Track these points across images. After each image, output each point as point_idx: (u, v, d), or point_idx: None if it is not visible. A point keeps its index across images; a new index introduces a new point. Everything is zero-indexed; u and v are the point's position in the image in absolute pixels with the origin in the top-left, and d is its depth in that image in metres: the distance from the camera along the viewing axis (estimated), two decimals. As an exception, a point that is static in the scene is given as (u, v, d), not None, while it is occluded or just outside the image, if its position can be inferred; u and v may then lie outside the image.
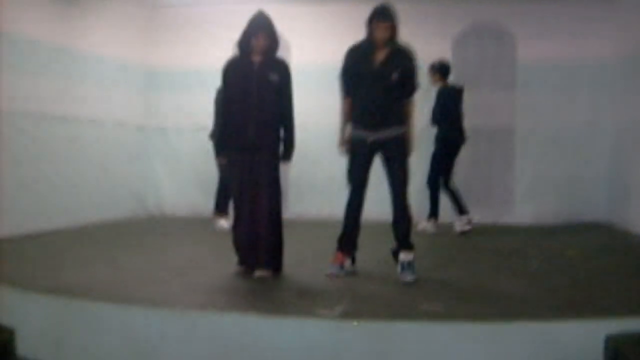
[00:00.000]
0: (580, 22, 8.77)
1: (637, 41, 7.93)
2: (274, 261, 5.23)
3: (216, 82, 8.11)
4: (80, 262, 5.80)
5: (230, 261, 5.44)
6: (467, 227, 7.88)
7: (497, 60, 9.16)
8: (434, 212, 8.08)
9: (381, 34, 5.10)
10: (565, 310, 4.21)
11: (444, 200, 8.03)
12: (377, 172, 5.35)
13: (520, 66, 9.04)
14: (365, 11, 8.72)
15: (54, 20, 7.82)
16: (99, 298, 4.38)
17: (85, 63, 8.40)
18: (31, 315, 4.40)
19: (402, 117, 5.23)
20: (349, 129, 5.33)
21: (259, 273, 5.16)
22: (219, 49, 9.18)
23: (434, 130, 7.91)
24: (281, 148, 5.27)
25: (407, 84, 5.21)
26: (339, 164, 8.84)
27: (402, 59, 5.18)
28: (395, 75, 5.10)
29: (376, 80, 5.13)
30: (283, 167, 5.35)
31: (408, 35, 5.36)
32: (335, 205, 8.96)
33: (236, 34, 8.84)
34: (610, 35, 8.67)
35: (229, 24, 9.01)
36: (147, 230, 8.33)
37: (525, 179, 9.05)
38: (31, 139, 7.40)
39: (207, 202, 8.60)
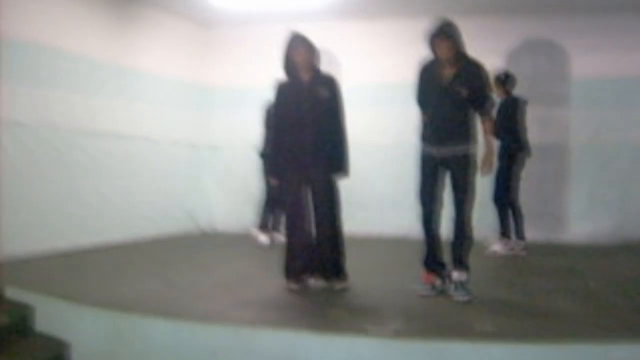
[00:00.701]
0: (633, 36, 8.63)
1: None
2: (343, 272, 5.31)
3: (267, 100, 8.30)
4: (133, 277, 5.89)
5: (280, 276, 5.45)
6: (510, 252, 7.65)
7: (551, 76, 9.03)
8: (504, 232, 7.74)
9: (442, 51, 5.06)
10: (622, 332, 4.09)
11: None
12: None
13: (574, 81, 8.90)
14: (415, 27, 8.79)
15: (112, 39, 8.04)
16: (151, 313, 4.43)
17: (140, 81, 8.59)
18: (85, 329, 4.48)
19: (469, 134, 5.16)
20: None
21: (340, 285, 5.24)
22: (270, 67, 9.28)
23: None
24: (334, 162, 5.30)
25: (479, 99, 5.16)
26: (391, 182, 8.95)
27: (471, 74, 5.12)
28: (464, 91, 5.06)
29: (444, 96, 5.10)
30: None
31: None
32: (385, 223, 9.08)
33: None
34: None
35: (280, 43, 9.21)
36: (198, 246, 8.40)
37: (581, 196, 8.87)
38: (87, 155, 7.57)
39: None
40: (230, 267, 6.67)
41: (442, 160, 5.15)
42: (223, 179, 9.96)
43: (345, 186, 5.36)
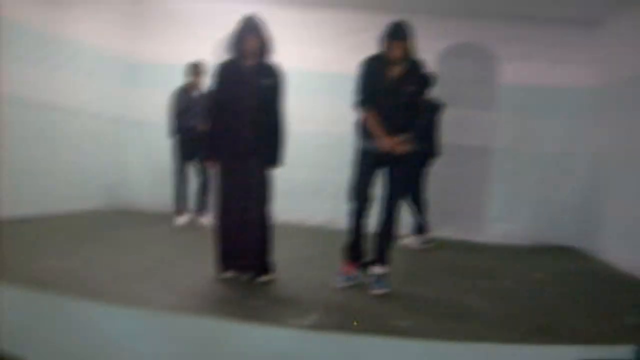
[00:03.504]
0: (561, 47, 8.88)
1: (615, 70, 8.04)
2: (270, 264, 5.28)
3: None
4: (50, 253, 5.74)
5: (203, 262, 5.44)
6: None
7: (478, 80, 9.22)
8: (419, 228, 8.00)
9: (397, 52, 5.10)
10: (534, 333, 4.27)
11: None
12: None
13: (500, 87, 9.13)
14: (346, 19, 8.83)
15: (39, 5, 7.73)
16: (71, 292, 4.35)
17: (65, 50, 8.31)
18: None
19: (411, 133, 5.26)
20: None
21: (265, 277, 5.21)
22: (203, 47, 9.23)
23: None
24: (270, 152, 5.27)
25: (420, 96, 5.27)
26: (313, 170, 9.00)
27: (418, 73, 5.22)
28: (411, 89, 5.14)
29: (390, 96, 5.15)
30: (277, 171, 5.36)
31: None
32: (306, 211, 9.13)
33: (220, 33, 8.88)
34: (590, 62, 8.77)
35: (214, 22, 9.10)
36: (117, 224, 8.24)
37: (499, 198, 9.13)
38: (5, 123, 7.28)
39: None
40: (152, 248, 6.60)
41: (383, 157, 5.21)
42: (145, 157, 9.78)
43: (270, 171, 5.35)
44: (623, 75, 7.78)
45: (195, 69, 8.37)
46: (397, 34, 5.10)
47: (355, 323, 4.01)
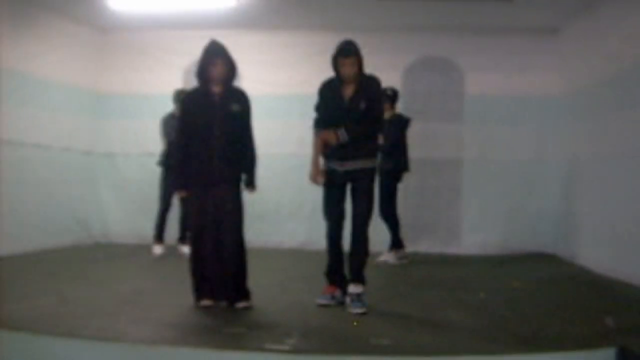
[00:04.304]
0: (526, 56, 9.00)
1: (581, 75, 8.15)
2: (246, 291, 5.24)
3: (165, 108, 8.18)
4: (24, 292, 5.64)
5: (178, 292, 5.39)
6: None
7: (445, 92, 9.29)
8: (395, 243, 8.02)
9: (347, 70, 5.21)
10: (513, 344, 4.26)
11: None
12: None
13: (467, 99, 9.20)
14: (313, 41, 8.87)
15: (2, 42, 7.67)
16: (43, 331, 4.27)
17: (32, 87, 8.27)
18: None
19: (372, 150, 5.39)
20: (321, 162, 5.40)
21: (242, 304, 5.15)
22: (169, 75, 9.22)
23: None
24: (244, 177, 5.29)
25: (374, 111, 5.30)
26: (288, 193, 8.98)
27: (369, 88, 5.30)
28: (362, 105, 5.21)
29: (346, 114, 5.23)
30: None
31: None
32: (282, 234, 9.10)
33: (186, 60, 8.90)
34: (554, 69, 8.90)
35: (180, 50, 9.13)
36: (92, 259, 8.14)
37: (472, 210, 9.17)
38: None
39: (152, 229, 8.51)
40: (127, 281, 6.51)
41: (346, 175, 5.28)
42: (118, 188, 9.69)
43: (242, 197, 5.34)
44: (588, 80, 7.88)
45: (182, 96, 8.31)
46: (344, 51, 5.21)
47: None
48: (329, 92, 5.35)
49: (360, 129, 5.22)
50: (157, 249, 8.31)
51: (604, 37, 7.38)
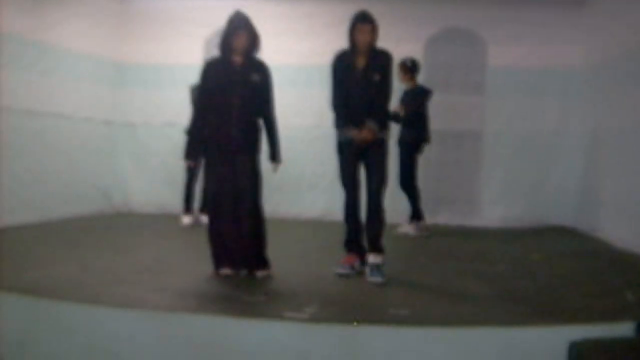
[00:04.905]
0: (550, 28, 8.86)
1: (606, 48, 8.02)
2: (265, 259, 5.27)
3: (186, 78, 8.16)
4: (46, 260, 5.72)
5: (199, 261, 5.43)
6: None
7: (468, 64, 9.20)
8: (415, 214, 8.00)
9: (364, 37, 5.24)
10: (530, 315, 4.26)
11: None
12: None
13: (490, 71, 9.10)
14: (333, 11, 8.79)
15: (23, 12, 7.69)
16: (65, 298, 4.33)
17: (53, 56, 8.29)
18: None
19: (384, 120, 5.41)
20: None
21: (262, 273, 5.19)
22: (191, 45, 9.21)
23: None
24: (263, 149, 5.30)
25: (386, 84, 5.32)
26: (307, 164, 8.98)
27: (381, 60, 5.33)
28: (377, 76, 5.24)
29: (359, 85, 5.26)
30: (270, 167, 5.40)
31: (381, 37, 5.40)
32: (301, 205, 9.12)
33: (208, 30, 8.86)
34: (579, 42, 8.76)
35: (201, 20, 9.11)
36: (114, 228, 8.24)
37: (493, 182, 9.11)
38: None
39: (174, 199, 8.57)
40: (148, 250, 6.58)
41: (358, 146, 5.28)
42: (139, 158, 9.72)
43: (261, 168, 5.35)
44: (613, 53, 7.76)
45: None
46: (364, 16, 5.27)
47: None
48: (341, 62, 5.37)
49: (375, 99, 5.25)
50: (186, 219, 8.37)
51: (630, 9, 7.24)
